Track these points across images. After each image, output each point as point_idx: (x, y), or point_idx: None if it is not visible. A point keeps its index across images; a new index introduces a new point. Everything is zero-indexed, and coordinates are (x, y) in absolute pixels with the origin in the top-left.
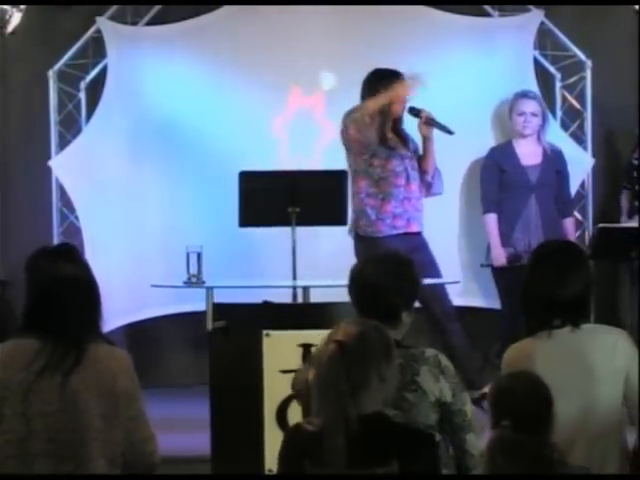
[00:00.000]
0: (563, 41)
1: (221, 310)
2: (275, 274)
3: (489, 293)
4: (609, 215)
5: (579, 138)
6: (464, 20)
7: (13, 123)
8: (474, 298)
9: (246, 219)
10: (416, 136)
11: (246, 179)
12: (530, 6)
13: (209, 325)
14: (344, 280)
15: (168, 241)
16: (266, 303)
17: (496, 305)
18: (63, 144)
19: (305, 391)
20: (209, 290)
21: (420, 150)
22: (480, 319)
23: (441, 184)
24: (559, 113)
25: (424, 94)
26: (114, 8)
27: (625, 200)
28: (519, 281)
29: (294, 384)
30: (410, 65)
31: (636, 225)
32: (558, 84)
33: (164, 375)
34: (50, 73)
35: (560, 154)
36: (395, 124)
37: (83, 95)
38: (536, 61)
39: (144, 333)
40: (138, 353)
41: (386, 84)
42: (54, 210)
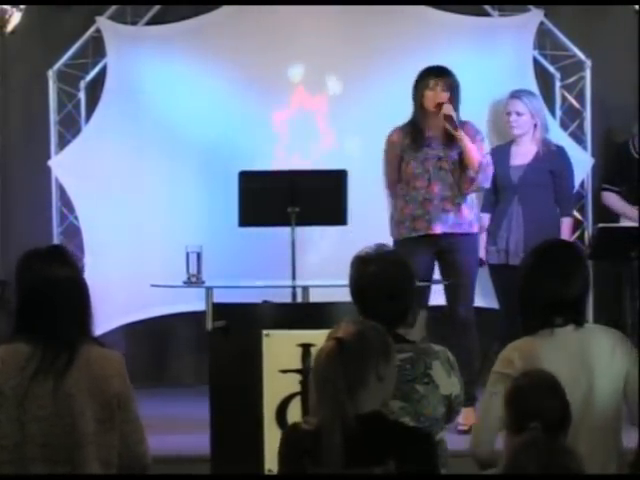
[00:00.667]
0: (563, 41)
1: (221, 310)
2: (275, 274)
3: (487, 293)
4: (609, 215)
5: (579, 138)
6: (464, 20)
7: (13, 123)
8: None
9: (246, 219)
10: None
11: (246, 179)
12: (530, 6)
13: (209, 325)
14: (344, 280)
15: (168, 241)
16: (266, 303)
17: (495, 305)
18: (63, 144)
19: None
20: (209, 290)
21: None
22: (479, 318)
23: (485, 178)
24: (558, 113)
25: None
26: (114, 8)
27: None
28: (511, 279)
29: None
30: (409, 65)
31: (636, 225)
32: (558, 84)
33: (164, 375)
34: (50, 73)
35: (558, 154)
36: (435, 120)
37: (83, 95)
38: (536, 61)
39: (143, 333)
40: (137, 353)
41: (415, 92)
42: (54, 210)
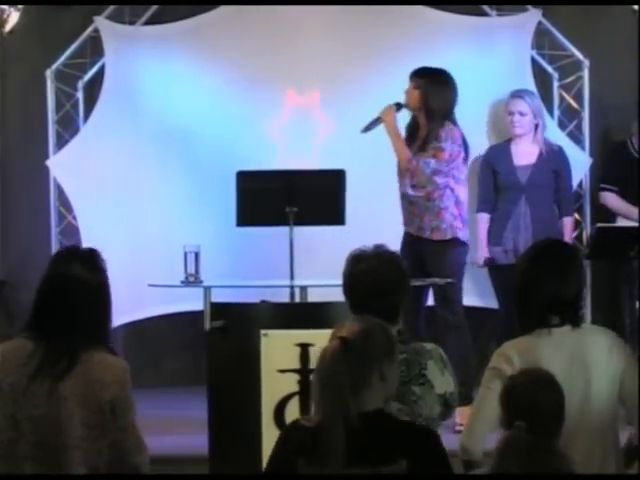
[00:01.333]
0: (561, 41)
1: (219, 310)
2: (273, 274)
3: (486, 292)
4: (607, 215)
5: (577, 138)
6: (462, 20)
7: (11, 123)
8: (471, 297)
9: (244, 219)
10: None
11: (244, 179)
12: (528, 6)
13: (207, 325)
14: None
15: (166, 240)
16: (264, 303)
17: (494, 304)
18: (61, 144)
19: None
20: (207, 290)
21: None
22: (478, 318)
23: (404, 185)
24: (557, 113)
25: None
26: (112, 8)
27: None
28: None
29: None
30: (408, 65)
31: (634, 225)
32: (556, 84)
33: (162, 375)
34: (48, 72)
35: (560, 154)
36: (415, 122)
37: (81, 94)
38: (534, 61)
39: (142, 333)
40: (136, 353)
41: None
42: (52, 210)
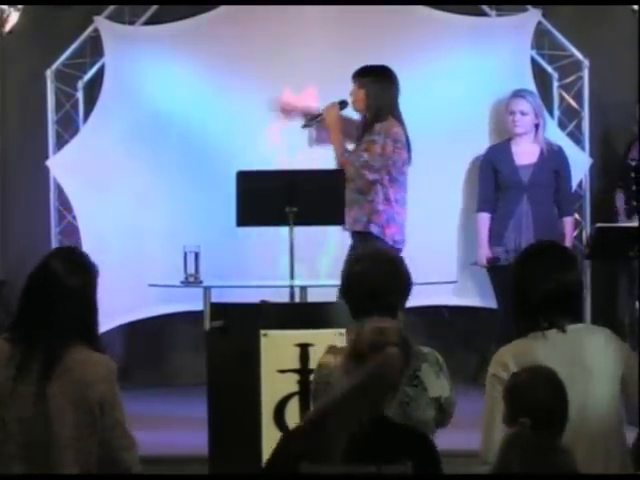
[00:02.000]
0: (560, 41)
1: (219, 310)
2: (272, 274)
3: (486, 292)
4: (607, 215)
5: (577, 138)
6: (461, 20)
7: (11, 123)
8: (471, 297)
9: (244, 219)
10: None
11: (244, 179)
12: (527, 6)
13: (207, 325)
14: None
15: (166, 241)
16: (263, 303)
17: (494, 305)
18: (61, 144)
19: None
20: (207, 290)
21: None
22: (477, 318)
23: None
24: (556, 113)
25: (422, 94)
26: (112, 8)
27: (620, 201)
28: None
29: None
30: (407, 65)
31: (634, 225)
32: (555, 84)
33: (162, 374)
34: (48, 72)
35: (560, 154)
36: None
37: (81, 94)
38: (533, 61)
39: (142, 333)
40: (135, 352)
41: None
42: (52, 210)
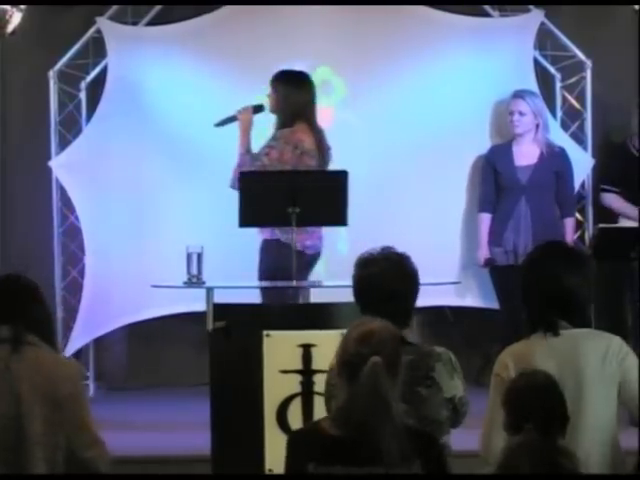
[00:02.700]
0: (563, 41)
1: (221, 310)
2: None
3: (489, 293)
4: (609, 215)
5: (579, 138)
6: (464, 20)
7: (14, 123)
8: (474, 298)
9: (246, 219)
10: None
11: (246, 179)
12: (530, 6)
13: (209, 325)
14: (344, 281)
15: (168, 241)
16: (266, 303)
17: (496, 305)
18: (63, 144)
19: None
20: (209, 290)
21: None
22: (480, 319)
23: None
24: (559, 113)
25: (421, 95)
26: (114, 8)
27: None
28: (516, 281)
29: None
30: (410, 66)
31: (636, 225)
32: (558, 84)
33: (164, 375)
34: (50, 73)
35: (561, 154)
36: None
37: (83, 95)
38: (536, 61)
39: (144, 333)
40: (138, 353)
41: None
42: (54, 210)
